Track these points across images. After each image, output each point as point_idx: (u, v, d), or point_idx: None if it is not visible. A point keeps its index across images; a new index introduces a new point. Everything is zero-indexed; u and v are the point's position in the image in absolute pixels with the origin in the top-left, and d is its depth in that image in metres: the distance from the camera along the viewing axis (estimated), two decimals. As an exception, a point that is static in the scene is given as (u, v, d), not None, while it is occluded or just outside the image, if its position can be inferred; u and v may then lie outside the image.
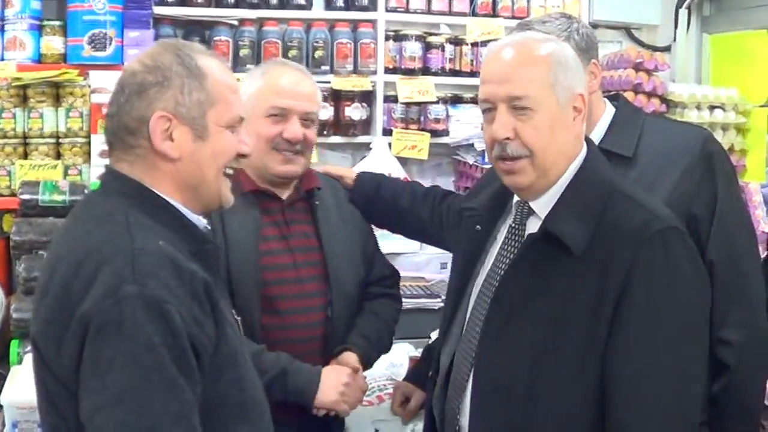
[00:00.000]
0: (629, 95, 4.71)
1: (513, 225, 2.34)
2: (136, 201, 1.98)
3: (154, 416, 1.75)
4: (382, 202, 3.17)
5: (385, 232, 4.57)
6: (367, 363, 3.00)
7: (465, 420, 2.32)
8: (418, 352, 3.61)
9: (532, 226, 2.27)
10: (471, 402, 2.30)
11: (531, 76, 2.21)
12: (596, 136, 2.72)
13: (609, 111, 2.79)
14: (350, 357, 2.89)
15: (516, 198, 2.35)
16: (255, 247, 2.81)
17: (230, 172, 2.10)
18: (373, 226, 3.21)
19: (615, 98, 2.88)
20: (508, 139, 2.21)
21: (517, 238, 2.31)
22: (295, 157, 2.86)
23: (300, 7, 4.76)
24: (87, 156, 4.10)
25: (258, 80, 2.89)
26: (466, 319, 2.39)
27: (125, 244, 1.86)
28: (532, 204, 2.28)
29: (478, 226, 2.45)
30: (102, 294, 1.79)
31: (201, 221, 2.09)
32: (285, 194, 2.92)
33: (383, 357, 3.45)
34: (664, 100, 5.00)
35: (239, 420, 2.00)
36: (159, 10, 4.51)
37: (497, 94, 2.23)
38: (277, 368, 2.70)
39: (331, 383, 2.77)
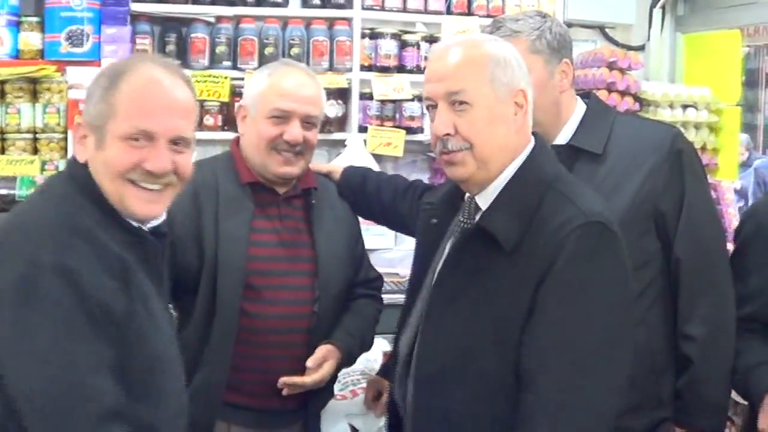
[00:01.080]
0: (603, 94, 4.76)
1: (462, 219, 2.40)
2: (79, 183, 2.12)
3: (76, 371, 1.91)
4: (367, 196, 3.20)
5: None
6: (350, 359, 3.07)
7: (410, 396, 2.40)
8: (391, 348, 3.65)
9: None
10: (412, 386, 2.39)
11: (468, 72, 2.28)
12: (567, 133, 2.77)
13: (580, 109, 2.83)
14: (320, 350, 2.92)
15: (468, 194, 2.40)
16: (244, 236, 2.86)
17: (133, 178, 2.13)
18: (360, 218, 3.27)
19: (586, 96, 2.91)
20: (448, 135, 2.28)
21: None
22: (295, 158, 2.91)
23: (276, 4, 4.76)
24: (64, 152, 4.14)
25: (263, 80, 2.94)
26: (422, 309, 2.45)
27: (46, 215, 2.01)
28: (477, 199, 2.33)
29: (433, 220, 2.52)
30: (20, 263, 1.92)
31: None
32: (282, 190, 2.97)
33: (358, 353, 3.51)
34: (637, 98, 5.04)
35: (145, 401, 2.09)
36: (136, 6, 4.51)
37: (437, 92, 2.31)
38: None
39: None
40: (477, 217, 2.34)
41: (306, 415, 3.01)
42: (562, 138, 2.76)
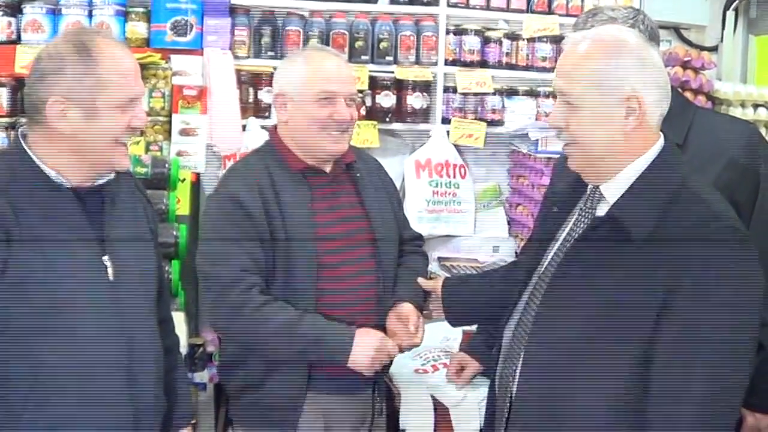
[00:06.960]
0: (676, 92, 4.86)
1: (583, 207, 2.44)
2: (9, 153, 2.55)
3: None
4: (473, 289, 3.25)
5: (431, 215, 4.78)
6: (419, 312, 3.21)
7: (515, 387, 2.43)
8: (470, 327, 3.74)
9: (601, 211, 2.36)
10: (521, 368, 2.40)
11: (577, 74, 2.29)
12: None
13: None
14: (410, 309, 3.11)
15: (591, 184, 2.44)
16: (309, 220, 3.02)
17: (124, 140, 2.46)
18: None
19: None
20: (560, 128, 2.36)
21: (585, 220, 2.41)
22: (343, 135, 3.10)
23: (366, 1, 4.90)
24: (167, 134, 4.31)
25: (301, 67, 3.08)
26: (529, 295, 2.50)
27: None
28: (602, 189, 2.36)
29: (555, 208, 2.58)
30: None
31: (61, 178, 2.44)
32: (328, 168, 3.14)
33: (438, 331, 3.70)
34: (710, 97, 5.10)
35: (36, 340, 2.38)
36: (236, 0, 4.69)
37: (555, 87, 2.38)
38: (314, 333, 2.91)
39: (363, 347, 2.94)
40: (599, 208, 2.37)
41: (376, 378, 3.16)
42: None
